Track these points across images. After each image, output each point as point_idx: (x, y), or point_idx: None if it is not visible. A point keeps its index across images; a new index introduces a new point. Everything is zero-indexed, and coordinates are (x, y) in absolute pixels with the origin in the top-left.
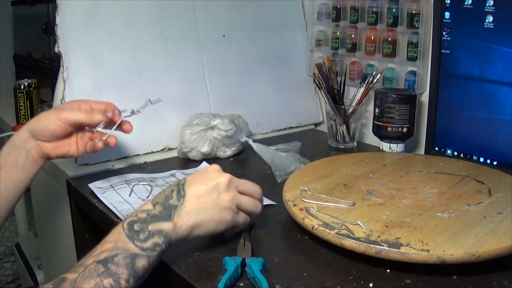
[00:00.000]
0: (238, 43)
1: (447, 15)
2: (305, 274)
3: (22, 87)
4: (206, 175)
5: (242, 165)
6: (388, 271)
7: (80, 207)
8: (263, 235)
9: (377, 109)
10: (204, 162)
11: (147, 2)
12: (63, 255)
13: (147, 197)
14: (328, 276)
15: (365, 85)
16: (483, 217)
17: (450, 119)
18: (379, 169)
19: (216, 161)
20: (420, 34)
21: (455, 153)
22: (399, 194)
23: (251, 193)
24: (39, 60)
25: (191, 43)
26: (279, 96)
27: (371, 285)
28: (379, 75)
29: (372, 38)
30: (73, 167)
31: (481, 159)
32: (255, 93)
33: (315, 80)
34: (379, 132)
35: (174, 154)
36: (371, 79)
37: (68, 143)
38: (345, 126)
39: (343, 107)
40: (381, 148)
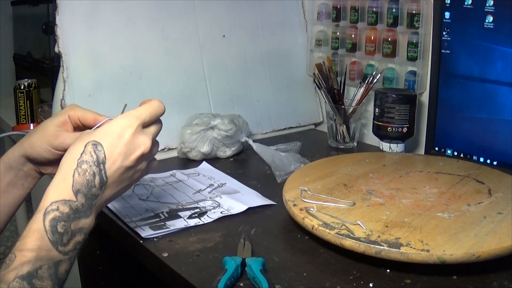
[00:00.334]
0: (238, 43)
1: (447, 15)
2: (305, 274)
3: (22, 87)
4: (128, 145)
5: (242, 165)
6: (388, 271)
7: None
8: (263, 235)
9: (377, 109)
10: (204, 162)
11: (147, 2)
12: None
13: (147, 197)
14: (328, 276)
15: (365, 85)
16: (483, 217)
17: (450, 119)
18: (379, 169)
19: (216, 161)
20: (420, 34)
21: (455, 153)
22: (399, 194)
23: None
24: (39, 60)
25: (191, 43)
26: (279, 96)
27: (371, 285)
28: (379, 75)
29: (372, 38)
30: None
31: (481, 159)
32: (255, 93)
33: (315, 80)
34: (379, 132)
35: (174, 154)
36: (371, 79)
37: None
38: (345, 126)
39: (343, 107)
40: (381, 148)
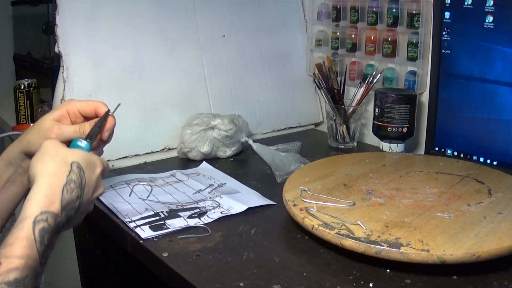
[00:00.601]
0: (238, 43)
1: (447, 15)
2: (305, 274)
3: (22, 87)
4: (97, 181)
5: (242, 165)
6: (388, 271)
7: None
8: (263, 235)
9: (377, 109)
10: (204, 162)
11: (147, 2)
12: (63, 255)
13: (147, 197)
14: (328, 276)
15: (365, 85)
16: (483, 217)
17: (450, 119)
18: (379, 169)
19: (216, 161)
20: (420, 34)
21: (455, 153)
22: (399, 194)
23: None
24: (39, 60)
25: (191, 43)
26: (279, 96)
27: (371, 285)
28: (379, 75)
29: (372, 38)
30: None
31: (481, 159)
32: (255, 93)
33: (315, 80)
34: (379, 132)
35: (174, 154)
36: (371, 79)
37: None
38: (345, 126)
39: (343, 107)
40: (381, 148)
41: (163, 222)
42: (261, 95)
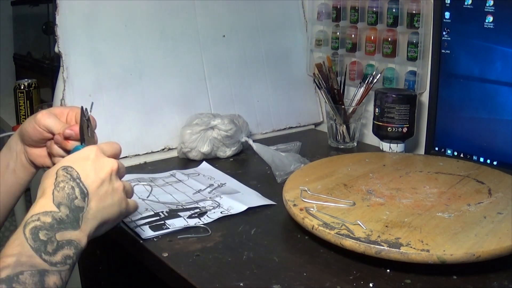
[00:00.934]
0: (238, 43)
1: (447, 15)
2: (305, 274)
3: (22, 87)
4: (95, 163)
5: (242, 165)
6: (388, 271)
7: None
8: (263, 235)
9: (377, 109)
10: (204, 162)
11: (147, 2)
12: None
13: (147, 197)
14: (328, 276)
15: (365, 85)
16: (483, 217)
17: (450, 119)
18: (379, 169)
19: (216, 161)
20: (420, 34)
21: (455, 153)
22: (399, 194)
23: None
24: (39, 60)
25: (191, 43)
26: (279, 96)
27: (371, 285)
28: (379, 75)
29: (372, 38)
30: None
31: (481, 159)
32: (255, 93)
33: (315, 80)
34: (379, 132)
35: (174, 154)
36: (371, 79)
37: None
38: (345, 126)
39: (343, 107)
40: (381, 148)
41: (163, 222)
42: (261, 95)
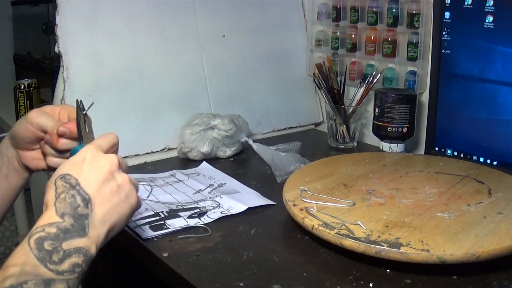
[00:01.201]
0: (238, 43)
1: (447, 15)
2: (305, 274)
3: (22, 87)
4: (93, 163)
5: (242, 165)
6: (388, 271)
7: None
8: (263, 235)
9: (377, 109)
10: (204, 162)
11: (147, 2)
12: None
13: (147, 197)
14: (328, 276)
15: (365, 85)
16: (483, 217)
17: (450, 119)
18: (379, 169)
19: (216, 161)
20: (420, 34)
21: (455, 153)
22: (399, 194)
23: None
24: (39, 60)
25: (191, 43)
26: (279, 96)
27: (371, 285)
28: (379, 75)
29: (372, 38)
30: None
31: (481, 159)
32: (255, 93)
33: (315, 80)
34: (379, 132)
35: (174, 154)
36: (371, 79)
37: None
38: (345, 126)
39: (343, 107)
40: (381, 148)
41: (163, 222)
42: (261, 95)
